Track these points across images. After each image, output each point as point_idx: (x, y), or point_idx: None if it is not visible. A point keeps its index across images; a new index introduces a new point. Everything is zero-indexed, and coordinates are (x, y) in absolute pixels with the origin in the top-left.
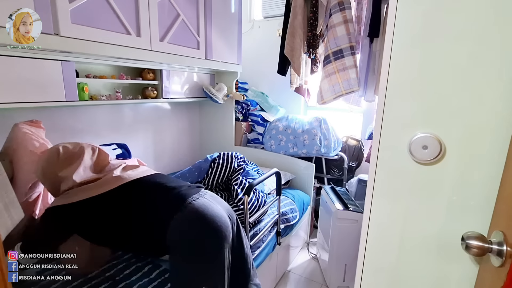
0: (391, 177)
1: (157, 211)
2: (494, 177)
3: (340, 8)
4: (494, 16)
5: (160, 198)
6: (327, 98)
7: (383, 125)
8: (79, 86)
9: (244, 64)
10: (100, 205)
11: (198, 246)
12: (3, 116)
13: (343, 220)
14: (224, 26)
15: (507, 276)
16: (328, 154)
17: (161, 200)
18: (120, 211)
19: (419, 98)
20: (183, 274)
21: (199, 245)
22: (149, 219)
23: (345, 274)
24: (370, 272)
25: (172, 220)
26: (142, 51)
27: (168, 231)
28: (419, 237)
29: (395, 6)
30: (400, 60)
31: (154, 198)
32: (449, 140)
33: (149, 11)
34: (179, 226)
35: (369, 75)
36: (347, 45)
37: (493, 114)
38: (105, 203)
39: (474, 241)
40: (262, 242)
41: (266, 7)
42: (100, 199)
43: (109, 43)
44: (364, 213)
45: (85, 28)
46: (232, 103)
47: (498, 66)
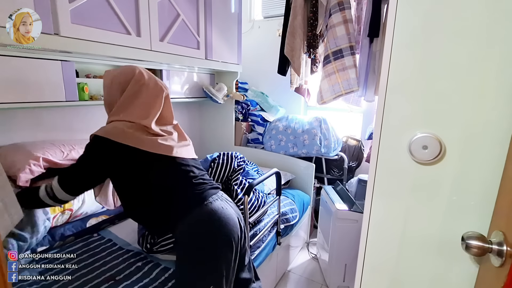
0: (391, 177)
1: (183, 197)
2: (494, 177)
3: (339, 8)
4: (494, 16)
5: (189, 185)
6: (327, 98)
7: (383, 125)
8: (79, 86)
9: (244, 64)
10: (139, 159)
11: (209, 246)
12: (3, 116)
13: (343, 220)
14: (224, 26)
15: (507, 276)
16: (328, 154)
17: (188, 187)
18: (152, 175)
19: (419, 98)
20: (191, 272)
21: (210, 244)
22: (171, 199)
23: (345, 274)
24: (370, 272)
25: (190, 214)
26: (142, 51)
27: (182, 223)
28: (419, 237)
29: (395, 6)
30: (400, 60)
31: (185, 184)
32: (449, 140)
33: (149, 11)
34: (194, 223)
35: (369, 75)
36: (346, 45)
37: (493, 114)
38: (144, 160)
39: (474, 241)
40: (262, 242)
41: (266, 7)
42: (143, 154)
43: (109, 43)
44: (364, 213)
45: (85, 28)
46: (232, 103)
47: (498, 66)
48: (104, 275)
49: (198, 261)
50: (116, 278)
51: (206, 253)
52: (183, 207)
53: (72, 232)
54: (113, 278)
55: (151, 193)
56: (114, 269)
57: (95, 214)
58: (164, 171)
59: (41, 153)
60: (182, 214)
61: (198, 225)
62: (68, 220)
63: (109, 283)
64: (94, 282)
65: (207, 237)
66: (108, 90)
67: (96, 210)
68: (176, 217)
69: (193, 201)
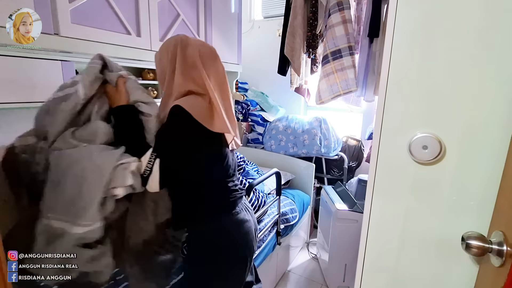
0: (391, 177)
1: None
2: (494, 177)
3: (339, 8)
4: (494, 16)
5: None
6: (325, 98)
7: (383, 125)
8: None
9: (244, 64)
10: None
11: (231, 260)
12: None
13: (343, 220)
14: (224, 26)
15: (507, 276)
16: (328, 154)
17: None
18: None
19: (419, 98)
20: (204, 278)
21: (232, 259)
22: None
23: (345, 274)
24: (370, 272)
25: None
26: (142, 51)
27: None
28: (419, 237)
29: (395, 6)
30: (400, 60)
31: (224, 184)
32: (449, 140)
33: (149, 11)
34: (220, 230)
35: (368, 75)
36: (345, 45)
37: (493, 114)
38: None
39: (474, 241)
40: (262, 242)
41: (266, 7)
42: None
43: (109, 43)
44: (364, 213)
45: (85, 28)
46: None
47: (498, 66)
48: None
49: (217, 273)
50: (116, 278)
51: (227, 267)
52: (214, 207)
53: None
54: (113, 279)
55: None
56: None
57: None
58: (218, 159)
59: None
60: (210, 214)
61: (225, 236)
62: None
63: (109, 283)
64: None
65: (230, 251)
66: None
67: None
68: (203, 213)
69: (224, 206)
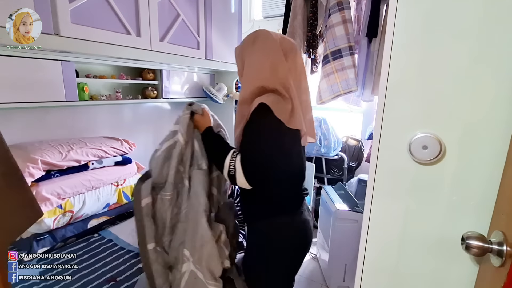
0: (391, 177)
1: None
2: (494, 177)
3: (339, 8)
4: (494, 16)
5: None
6: (325, 98)
7: (383, 125)
8: (79, 86)
9: None
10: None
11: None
12: (3, 116)
13: (343, 220)
14: (224, 26)
15: (507, 276)
16: (328, 154)
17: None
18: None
19: (419, 98)
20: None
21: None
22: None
23: (345, 274)
24: (370, 272)
25: (287, 217)
26: (142, 51)
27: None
28: (419, 237)
29: (395, 6)
30: (400, 60)
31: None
32: (449, 140)
33: (149, 11)
34: (290, 229)
35: (366, 75)
36: (345, 45)
37: (493, 114)
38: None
39: (474, 241)
40: None
41: (266, 7)
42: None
43: (109, 43)
44: (364, 213)
45: (85, 28)
46: (232, 103)
47: (498, 66)
48: (105, 275)
49: (277, 265)
50: (117, 279)
51: (290, 270)
52: (285, 205)
53: (73, 233)
54: (114, 279)
55: (273, 173)
56: (115, 270)
57: (96, 215)
58: (296, 155)
59: (39, 155)
60: (281, 211)
61: (293, 237)
62: (69, 221)
63: (110, 284)
64: (95, 283)
65: (296, 253)
66: None
67: (97, 211)
68: (274, 209)
69: (294, 204)
